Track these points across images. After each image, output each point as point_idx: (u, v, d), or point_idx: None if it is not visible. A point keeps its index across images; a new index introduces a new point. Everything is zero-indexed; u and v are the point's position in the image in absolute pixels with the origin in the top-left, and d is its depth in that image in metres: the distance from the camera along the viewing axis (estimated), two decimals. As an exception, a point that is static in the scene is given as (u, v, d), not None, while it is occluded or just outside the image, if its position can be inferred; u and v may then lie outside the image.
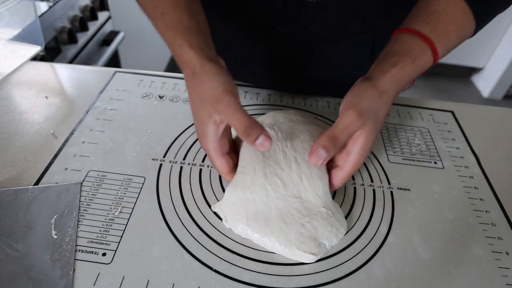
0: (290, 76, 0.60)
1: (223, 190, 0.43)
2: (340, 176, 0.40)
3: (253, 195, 0.38)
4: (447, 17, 0.40)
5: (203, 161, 0.46)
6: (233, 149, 0.44)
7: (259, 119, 0.47)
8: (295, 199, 0.38)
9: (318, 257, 0.36)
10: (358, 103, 0.37)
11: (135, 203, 0.40)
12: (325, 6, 0.49)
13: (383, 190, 0.45)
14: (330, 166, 0.41)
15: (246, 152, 0.42)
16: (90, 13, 1.14)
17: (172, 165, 0.45)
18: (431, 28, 0.40)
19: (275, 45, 0.56)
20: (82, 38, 1.10)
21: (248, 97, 0.58)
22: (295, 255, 0.36)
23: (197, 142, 0.49)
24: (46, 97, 0.54)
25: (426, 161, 0.49)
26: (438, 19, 0.40)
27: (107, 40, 1.25)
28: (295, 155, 0.41)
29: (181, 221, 0.39)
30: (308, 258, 0.36)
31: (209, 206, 0.41)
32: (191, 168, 0.45)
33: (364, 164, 0.48)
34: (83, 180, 0.42)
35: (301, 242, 0.36)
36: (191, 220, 0.39)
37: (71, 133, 0.48)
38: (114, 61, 1.33)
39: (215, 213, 0.40)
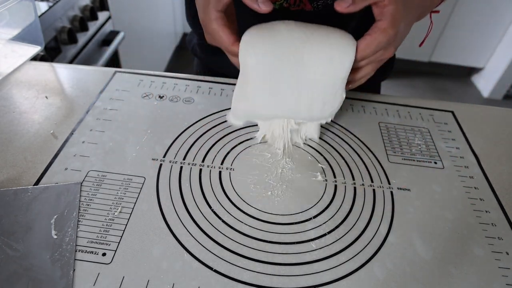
0: None
1: (223, 190, 0.43)
2: (365, 40, 0.38)
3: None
4: None
5: (203, 161, 0.46)
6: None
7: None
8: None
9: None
10: None
11: (135, 203, 0.40)
12: (320, 14, 0.51)
13: (383, 190, 0.45)
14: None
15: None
16: (90, 13, 1.14)
17: (172, 165, 0.45)
18: None
19: None
20: (82, 38, 1.10)
21: (248, 97, 0.58)
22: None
23: (197, 142, 0.49)
24: (46, 97, 0.54)
25: (426, 161, 0.49)
26: None
27: (107, 40, 1.25)
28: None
29: (181, 221, 0.39)
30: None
31: (209, 206, 0.41)
32: (191, 168, 0.45)
33: (364, 164, 0.48)
34: (83, 180, 0.42)
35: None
36: (191, 220, 0.39)
37: (71, 133, 0.48)
38: (114, 61, 1.33)
39: (215, 212, 0.40)
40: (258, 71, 0.40)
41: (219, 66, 0.64)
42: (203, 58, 0.67)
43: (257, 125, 0.50)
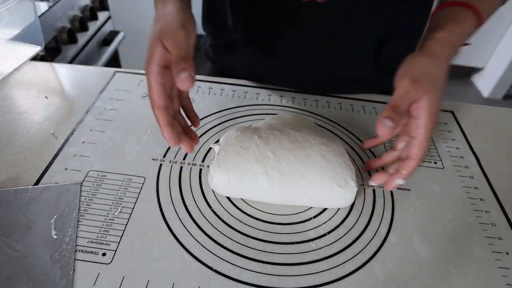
0: (300, 76, 0.60)
1: (223, 190, 0.43)
2: (417, 144, 0.38)
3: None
4: None
5: (203, 161, 0.46)
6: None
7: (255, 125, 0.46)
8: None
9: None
10: (410, 71, 0.38)
11: (135, 203, 0.40)
12: (333, 6, 0.50)
13: (383, 190, 0.44)
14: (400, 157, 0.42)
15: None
16: (90, 13, 1.14)
17: (172, 165, 0.45)
18: None
19: (285, 45, 0.57)
20: (82, 38, 1.10)
21: (248, 97, 0.58)
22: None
23: (197, 142, 0.49)
24: (46, 97, 0.54)
25: (426, 161, 0.49)
26: None
27: (107, 40, 1.25)
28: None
29: (181, 221, 0.39)
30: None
31: (209, 206, 0.41)
32: (191, 168, 0.45)
33: (364, 164, 0.48)
34: (83, 180, 0.42)
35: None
36: (191, 220, 0.39)
37: (71, 133, 0.48)
38: (114, 61, 1.33)
39: (215, 212, 0.40)
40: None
41: (231, 68, 0.64)
42: (214, 59, 0.67)
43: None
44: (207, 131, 0.51)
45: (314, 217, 0.41)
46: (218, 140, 0.43)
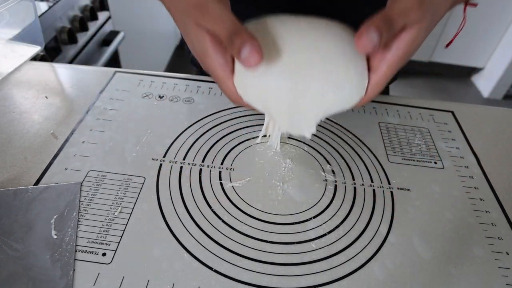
0: None
1: (223, 190, 0.43)
2: (372, 82, 0.32)
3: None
4: None
5: (203, 161, 0.46)
6: None
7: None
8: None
9: None
10: None
11: (135, 203, 0.40)
12: None
13: (383, 190, 0.45)
14: None
15: None
16: (90, 13, 1.14)
17: (172, 165, 0.45)
18: None
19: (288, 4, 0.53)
20: (82, 38, 1.10)
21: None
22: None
23: (198, 141, 0.49)
24: (46, 97, 0.54)
25: (426, 161, 0.49)
26: None
27: (107, 40, 1.25)
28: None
29: (181, 221, 0.39)
30: None
31: (209, 206, 0.41)
32: (191, 168, 0.45)
33: (364, 164, 0.48)
34: (83, 180, 0.42)
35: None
36: (191, 220, 0.39)
37: (71, 133, 0.48)
38: (114, 61, 1.33)
39: (215, 212, 0.40)
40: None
41: None
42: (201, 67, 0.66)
43: (258, 125, 0.50)
44: (207, 131, 0.51)
45: (314, 217, 0.41)
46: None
